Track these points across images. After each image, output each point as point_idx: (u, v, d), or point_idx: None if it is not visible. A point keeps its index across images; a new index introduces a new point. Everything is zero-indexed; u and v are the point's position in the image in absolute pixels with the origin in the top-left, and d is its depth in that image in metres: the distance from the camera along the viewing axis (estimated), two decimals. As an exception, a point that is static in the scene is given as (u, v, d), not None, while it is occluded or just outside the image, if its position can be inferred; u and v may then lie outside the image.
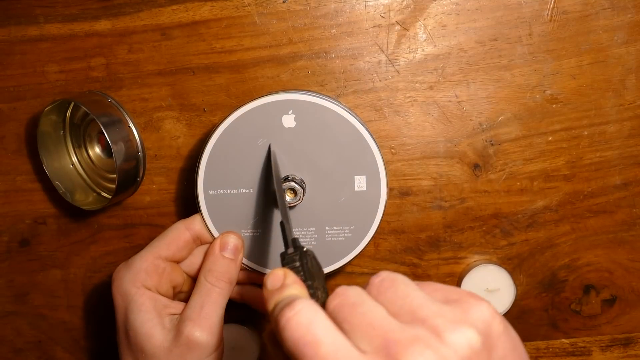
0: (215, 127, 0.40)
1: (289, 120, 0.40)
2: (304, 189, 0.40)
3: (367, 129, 0.40)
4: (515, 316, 0.49)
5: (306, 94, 0.40)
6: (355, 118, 0.40)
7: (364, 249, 0.42)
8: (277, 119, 0.40)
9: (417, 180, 0.46)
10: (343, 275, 0.48)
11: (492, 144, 0.45)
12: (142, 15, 0.44)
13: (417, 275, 0.48)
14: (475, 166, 0.46)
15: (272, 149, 0.40)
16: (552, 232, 0.47)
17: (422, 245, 0.47)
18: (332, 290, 0.26)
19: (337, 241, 0.41)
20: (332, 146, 0.40)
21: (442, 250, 0.47)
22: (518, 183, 0.46)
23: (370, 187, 0.41)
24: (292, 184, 0.39)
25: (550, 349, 0.48)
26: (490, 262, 0.47)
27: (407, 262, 0.48)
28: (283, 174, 0.40)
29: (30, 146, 0.47)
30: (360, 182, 0.41)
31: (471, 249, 0.47)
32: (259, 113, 0.40)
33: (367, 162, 0.40)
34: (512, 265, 0.48)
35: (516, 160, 0.46)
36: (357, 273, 0.48)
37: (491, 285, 0.47)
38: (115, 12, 0.44)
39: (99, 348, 0.51)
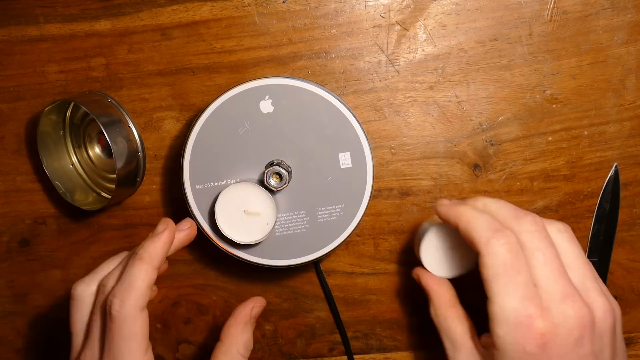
0: (193, 122, 0.40)
1: (266, 106, 0.40)
2: (289, 172, 0.40)
3: (345, 105, 0.40)
4: (515, 316, 0.49)
5: (279, 78, 0.40)
6: (332, 95, 0.40)
7: (357, 226, 0.41)
8: (254, 106, 0.40)
9: (417, 180, 0.46)
10: (343, 275, 0.48)
11: (492, 144, 0.45)
12: (142, 15, 0.44)
13: (417, 275, 0.48)
14: (475, 166, 0.46)
15: None
16: (552, 232, 0.47)
17: (422, 245, 0.47)
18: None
19: (329, 221, 0.41)
20: (312, 126, 0.40)
21: (442, 250, 0.47)
22: (518, 183, 0.46)
23: (356, 163, 0.41)
24: (278, 168, 0.39)
25: (550, 349, 0.48)
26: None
27: (407, 262, 0.48)
28: (267, 160, 0.40)
29: (30, 146, 0.47)
30: (345, 159, 0.41)
31: (471, 249, 0.47)
32: (235, 103, 0.40)
33: (349, 138, 0.40)
34: (512, 265, 0.48)
35: (516, 160, 0.46)
36: (357, 273, 0.48)
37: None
38: (115, 12, 0.44)
39: (99, 348, 0.51)
